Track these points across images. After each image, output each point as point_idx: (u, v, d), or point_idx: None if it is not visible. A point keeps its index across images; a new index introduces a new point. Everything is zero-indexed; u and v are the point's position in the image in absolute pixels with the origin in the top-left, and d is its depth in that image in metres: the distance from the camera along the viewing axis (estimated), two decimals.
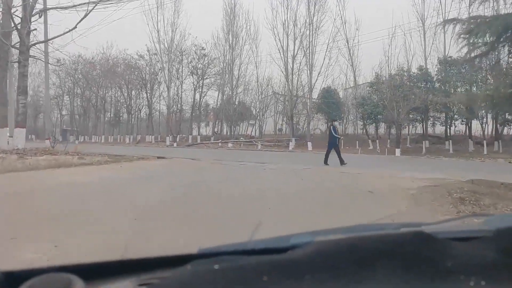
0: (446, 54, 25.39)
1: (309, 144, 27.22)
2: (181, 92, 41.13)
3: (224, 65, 37.95)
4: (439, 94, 22.61)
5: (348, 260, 0.63)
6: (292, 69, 29.78)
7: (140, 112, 44.58)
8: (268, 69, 76.50)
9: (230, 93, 36.71)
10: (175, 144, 29.94)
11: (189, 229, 4.19)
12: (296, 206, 5.83)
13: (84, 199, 6.13)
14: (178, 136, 40.37)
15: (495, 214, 1.15)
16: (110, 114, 47.08)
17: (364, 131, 28.95)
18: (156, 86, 41.81)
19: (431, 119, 26.52)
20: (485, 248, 0.69)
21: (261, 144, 29.57)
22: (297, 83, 31.10)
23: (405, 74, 24.64)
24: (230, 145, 30.48)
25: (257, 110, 41.43)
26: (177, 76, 41.52)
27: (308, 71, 27.84)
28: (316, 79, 27.90)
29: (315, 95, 31.91)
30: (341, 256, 0.64)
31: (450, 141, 24.35)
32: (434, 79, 25.18)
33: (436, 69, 25.45)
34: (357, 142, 28.61)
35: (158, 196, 6.35)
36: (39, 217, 4.70)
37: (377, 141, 26.15)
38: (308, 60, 27.74)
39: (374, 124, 27.19)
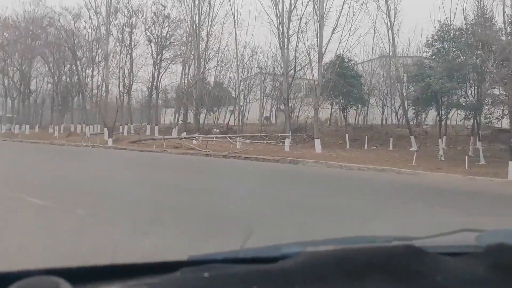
0: None
1: (317, 142, 17.00)
2: (131, 66, 30.15)
3: (191, 29, 27.10)
4: None
5: (338, 271, 0.63)
6: (288, 29, 19.29)
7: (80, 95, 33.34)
8: (250, 37, 63.48)
9: (198, 68, 25.87)
10: (109, 141, 19.27)
11: None
12: None
13: None
14: (127, 126, 29.62)
15: (487, 230, 0.93)
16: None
17: (415, 121, 18.82)
18: (101, 58, 30.74)
19: None
20: (475, 263, 0.69)
21: (241, 141, 19.05)
22: (295, 51, 20.75)
23: (492, 24, 14.26)
24: (194, 142, 19.96)
25: (237, 92, 30.92)
26: (128, 45, 30.56)
27: (317, 25, 17.35)
28: (330, 39, 17.43)
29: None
30: (331, 268, 0.63)
31: None
32: None
33: None
34: (391, 139, 18.61)
35: None
36: None
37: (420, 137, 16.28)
38: (317, 7, 17.16)
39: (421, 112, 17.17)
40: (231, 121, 33.57)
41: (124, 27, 29.98)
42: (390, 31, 18.47)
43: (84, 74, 31.60)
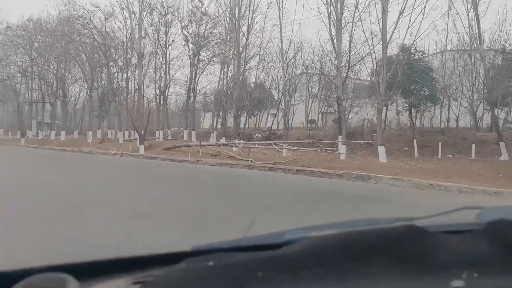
0: None
1: (382, 150, 13.92)
2: (167, 67, 28.20)
3: (230, 24, 24.70)
4: None
5: (342, 255, 0.64)
6: (341, 15, 16.37)
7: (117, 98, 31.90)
8: (297, 29, 58.60)
9: (238, 67, 23.29)
10: (141, 148, 17.15)
11: None
12: None
13: None
14: (162, 131, 27.71)
15: (487, 207, 0.91)
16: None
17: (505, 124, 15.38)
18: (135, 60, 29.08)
19: None
20: (477, 241, 0.70)
21: (288, 148, 16.23)
22: (350, 42, 17.77)
23: None
24: (234, 149, 17.44)
25: (281, 92, 28.13)
26: (163, 45, 28.72)
27: (380, 10, 14.26)
28: (397, 23, 14.25)
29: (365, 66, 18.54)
30: (335, 251, 0.64)
31: None
32: None
33: None
34: (473, 145, 15.14)
35: None
36: None
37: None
38: None
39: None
40: (273, 125, 30.99)
41: (159, 25, 28.20)
42: (472, 12, 14.94)
43: (119, 77, 30.16)
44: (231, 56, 25.16)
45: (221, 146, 17.08)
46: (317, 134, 22.01)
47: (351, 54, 17.99)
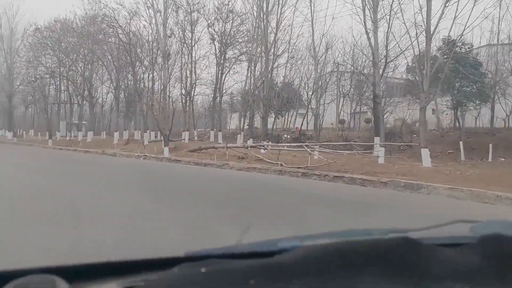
0: None
1: (426, 153, 12.53)
2: (193, 66, 27.48)
3: (257, 20, 23.66)
4: None
5: (336, 265, 0.64)
6: (376, 6, 15.08)
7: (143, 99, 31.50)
8: (330, 22, 56.26)
9: (266, 64, 22.17)
10: (165, 150, 16.35)
11: None
12: None
13: None
14: (188, 132, 27.03)
15: (481, 221, 0.94)
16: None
17: None
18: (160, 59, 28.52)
19: None
20: (470, 254, 0.70)
21: (319, 151, 15.00)
22: (387, 35, 16.43)
23: None
24: (262, 151, 16.43)
25: (311, 91, 26.83)
26: (189, 44, 28.03)
27: None
28: (443, 12, 12.80)
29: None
30: (328, 261, 0.64)
31: None
32: None
33: None
34: None
35: None
36: None
37: None
38: None
39: None
40: (301, 125, 29.80)
41: (185, 23, 27.54)
42: None
43: (144, 77, 29.73)
44: (258, 54, 24.15)
45: (249, 148, 16.09)
46: (349, 135, 20.69)
47: (388, 49, 16.64)
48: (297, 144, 15.04)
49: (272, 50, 21.37)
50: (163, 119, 20.84)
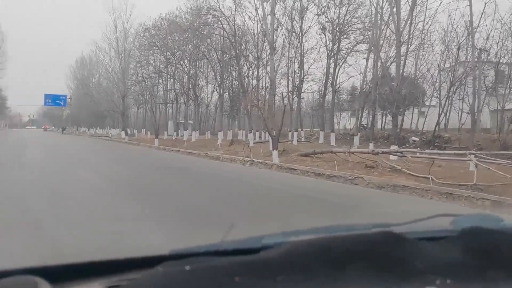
0: None
1: None
2: (302, 59, 24.59)
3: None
4: None
5: (320, 260, 0.64)
6: None
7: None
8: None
9: (398, 52, 18.13)
10: (274, 154, 13.77)
11: None
12: None
13: None
14: (296, 133, 24.35)
15: (462, 214, 0.96)
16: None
17: None
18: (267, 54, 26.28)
19: None
20: (451, 247, 0.72)
21: (478, 160, 10.84)
22: None
23: None
24: (392, 157, 12.88)
25: (437, 86, 22.05)
26: (298, 34, 25.30)
27: None
28: None
29: None
30: (313, 257, 0.64)
31: None
32: None
33: None
34: None
35: None
36: None
37: None
38: None
39: None
40: (419, 125, 25.18)
41: (293, 12, 24.90)
42: None
43: (249, 74, 27.84)
44: (384, 41, 20.21)
45: (379, 153, 12.67)
46: (508, 139, 15.82)
47: None
48: (455, 152, 11.14)
49: (408, 34, 17.03)
50: (270, 118, 18.40)
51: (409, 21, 15.70)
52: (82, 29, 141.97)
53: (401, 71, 15.13)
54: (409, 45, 15.66)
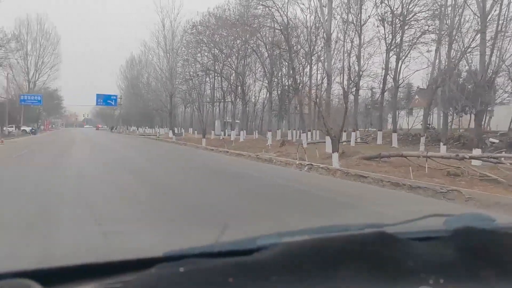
0: None
1: None
2: (359, 52, 22.52)
3: None
4: None
5: (314, 261, 0.64)
6: None
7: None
8: None
9: (482, 41, 15.55)
10: (334, 157, 12.04)
11: None
12: None
13: None
14: (354, 133, 22.36)
15: (454, 215, 0.95)
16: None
17: None
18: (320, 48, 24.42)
19: None
20: (444, 247, 0.72)
21: None
22: None
23: None
24: (474, 162, 10.74)
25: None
26: (356, 24, 23.28)
27: None
28: None
29: None
30: (307, 257, 0.64)
31: None
32: None
33: None
34: None
35: None
36: None
37: None
38: None
39: None
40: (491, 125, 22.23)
41: (350, 2, 22.93)
42: None
43: (300, 70, 26.10)
44: (451, 32, 17.75)
45: (465, 159, 10.58)
46: None
47: None
48: None
49: (497, 22, 14.39)
50: (326, 116, 16.64)
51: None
52: (135, 30, 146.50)
53: (486, 62, 12.73)
54: (500, 28, 13.08)
